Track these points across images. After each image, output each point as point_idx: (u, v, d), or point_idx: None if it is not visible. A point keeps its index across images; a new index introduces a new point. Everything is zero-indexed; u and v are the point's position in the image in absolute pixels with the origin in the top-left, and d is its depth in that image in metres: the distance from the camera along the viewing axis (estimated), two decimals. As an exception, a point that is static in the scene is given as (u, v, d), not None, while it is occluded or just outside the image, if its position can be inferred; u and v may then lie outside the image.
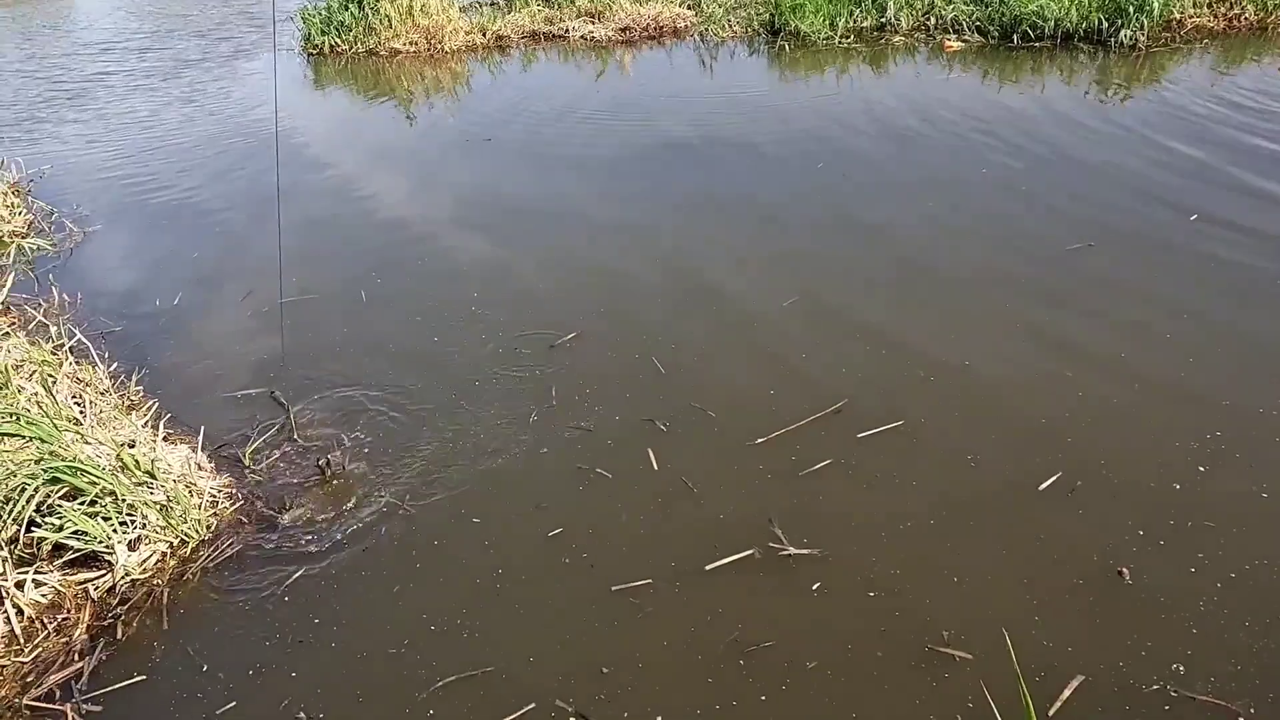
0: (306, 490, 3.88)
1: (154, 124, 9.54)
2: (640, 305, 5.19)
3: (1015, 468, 3.71)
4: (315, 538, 3.63)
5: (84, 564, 3.49)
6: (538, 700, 2.86)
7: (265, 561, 3.53)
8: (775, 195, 6.67)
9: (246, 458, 4.04)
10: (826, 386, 4.28)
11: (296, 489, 3.89)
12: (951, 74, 9.74)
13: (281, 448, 4.16)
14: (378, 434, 4.21)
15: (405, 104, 10.19)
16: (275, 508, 3.78)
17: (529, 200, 6.93)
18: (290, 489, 3.89)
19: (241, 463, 4.09)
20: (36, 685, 3.06)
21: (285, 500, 3.80)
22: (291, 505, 3.77)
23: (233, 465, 4.09)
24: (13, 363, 4.53)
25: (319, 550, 3.56)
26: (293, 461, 4.05)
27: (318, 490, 3.88)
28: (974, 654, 2.93)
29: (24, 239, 6.53)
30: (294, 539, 3.62)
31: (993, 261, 5.41)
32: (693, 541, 3.43)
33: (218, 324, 5.33)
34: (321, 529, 3.67)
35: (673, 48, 11.77)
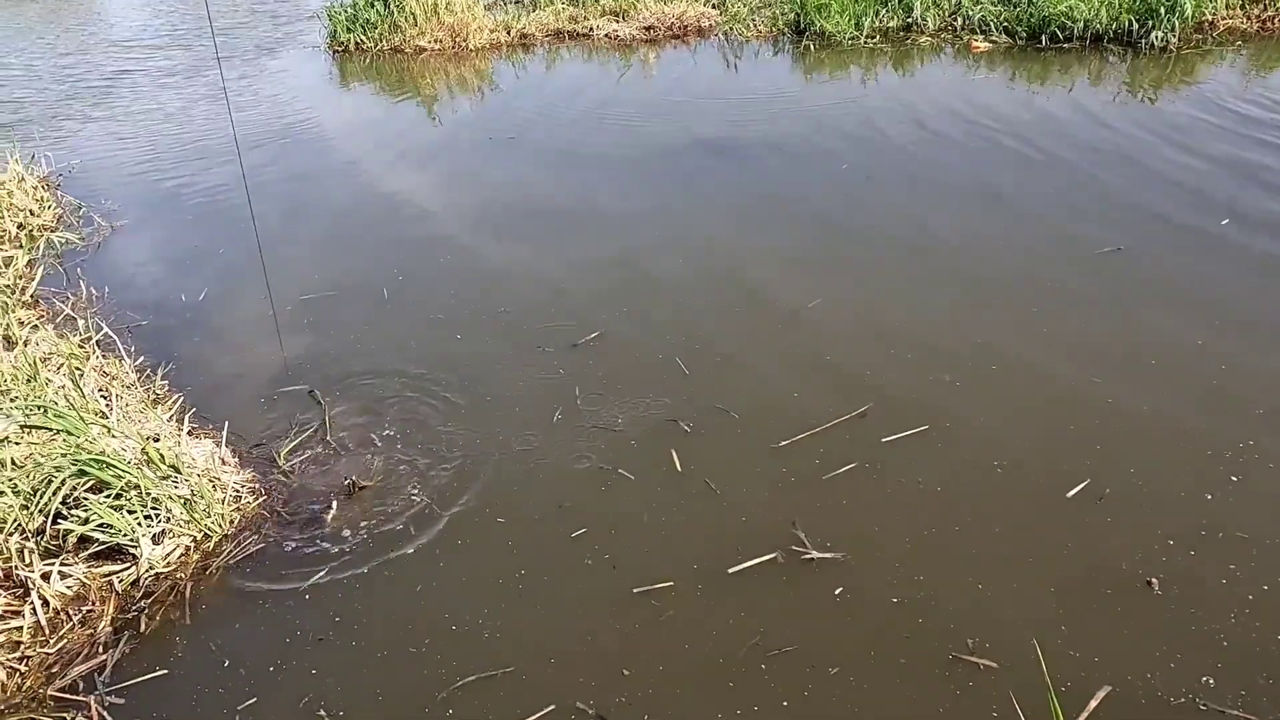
0: (332, 493, 3.87)
1: (180, 121, 9.60)
2: (663, 305, 5.17)
3: (1043, 474, 3.66)
4: (338, 534, 3.63)
5: (109, 556, 3.52)
6: (558, 702, 2.85)
7: (287, 557, 3.55)
8: (799, 196, 6.63)
9: (281, 458, 4.02)
10: (851, 389, 4.24)
11: (324, 492, 3.88)
12: (978, 75, 9.64)
13: (312, 448, 4.17)
14: (401, 432, 4.22)
15: (429, 102, 10.22)
16: (315, 506, 3.77)
17: (551, 199, 6.92)
18: (318, 492, 3.89)
19: (265, 457, 4.11)
20: (61, 676, 3.09)
21: (329, 500, 3.78)
22: (329, 508, 3.74)
23: (256, 460, 4.11)
24: (41, 355, 4.58)
25: (342, 548, 3.57)
26: (322, 464, 4.05)
27: (344, 495, 3.88)
28: (999, 663, 2.89)
29: (53, 233, 6.60)
30: (317, 535, 3.63)
31: (1020, 265, 5.35)
32: (715, 544, 3.41)
33: (241, 320, 5.35)
34: (345, 526, 3.67)
35: (697, 47, 11.73)
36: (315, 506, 3.78)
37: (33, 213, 6.80)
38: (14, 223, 6.59)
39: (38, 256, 6.21)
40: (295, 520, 3.73)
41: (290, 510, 3.79)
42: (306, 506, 3.80)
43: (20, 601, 3.33)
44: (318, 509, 3.76)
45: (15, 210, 6.72)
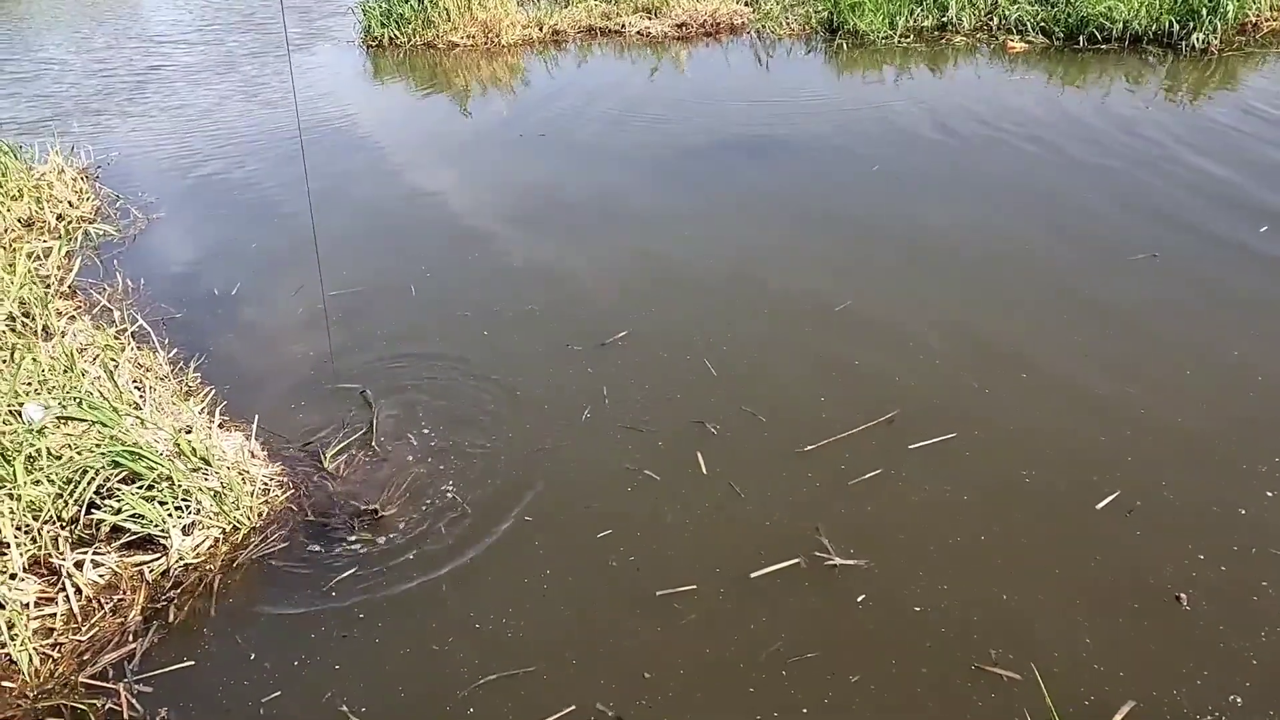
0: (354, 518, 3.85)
1: (215, 115, 9.73)
2: (691, 305, 5.16)
3: (1072, 486, 3.61)
4: (363, 530, 3.67)
5: (140, 547, 3.57)
6: (578, 702, 2.86)
7: (314, 552, 3.58)
8: (829, 197, 6.60)
9: (327, 460, 4.02)
10: (878, 395, 4.21)
11: (353, 490, 3.91)
12: (1014, 76, 9.53)
13: (339, 441, 4.20)
14: (429, 429, 4.24)
15: (460, 98, 10.27)
16: (337, 513, 3.79)
17: (580, 196, 6.94)
18: (346, 490, 3.92)
19: (293, 450, 4.16)
20: (92, 663, 3.14)
21: (350, 522, 3.73)
22: (351, 529, 3.68)
23: (282, 452, 4.15)
24: (78, 346, 4.66)
25: (367, 545, 3.59)
26: (361, 466, 4.07)
27: (374, 485, 3.90)
28: (1023, 675, 2.86)
29: (91, 224, 6.72)
30: (344, 531, 3.67)
31: (1053, 271, 5.28)
32: (739, 548, 3.41)
33: (273, 314, 5.42)
34: (370, 520, 3.71)
35: (729, 44, 11.70)
36: (338, 515, 3.78)
37: (72, 204, 6.93)
38: (53, 214, 6.71)
39: (76, 248, 6.32)
40: (322, 516, 3.77)
41: (317, 505, 3.83)
42: (333, 505, 3.83)
43: (54, 589, 3.39)
44: (342, 518, 3.76)
45: (55, 201, 6.85)
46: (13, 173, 6.89)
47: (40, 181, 7.00)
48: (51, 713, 2.97)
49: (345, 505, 3.80)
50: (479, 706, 2.89)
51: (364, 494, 3.85)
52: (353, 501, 3.81)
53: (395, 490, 3.84)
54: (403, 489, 3.85)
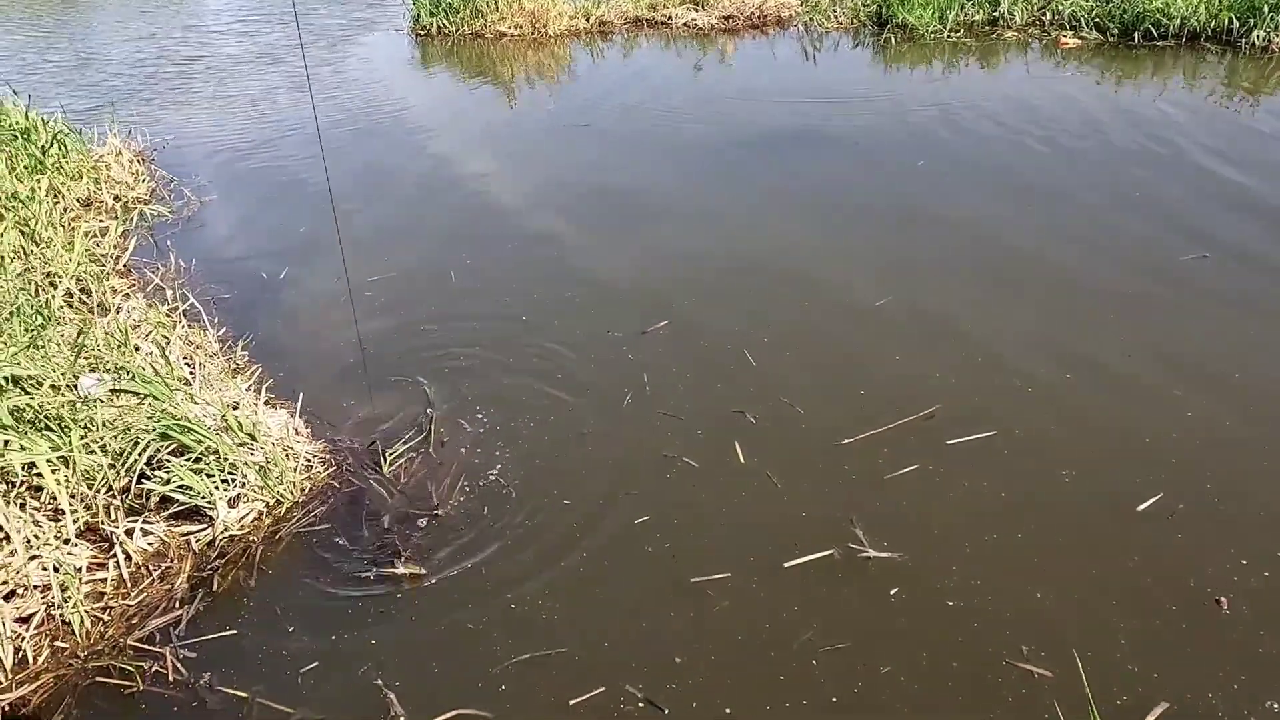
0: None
1: (268, 102, 9.90)
2: (732, 297, 5.17)
3: (1113, 486, 3.57)
4: (407, 508, 3.72)
5: (187, 517, 3.68)
6: (608, 684, 2.90)
7: (354, 528, 3.65)
8: (874, 191, 6.55)
9: (385, 463, 4.01)
10: (918, 390, 4.19)
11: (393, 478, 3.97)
12: (1065, 72, 9.36)
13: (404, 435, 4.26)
14: (470, 410, 4.29)
15: (506, 87, 10.34)
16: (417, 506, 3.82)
17: (623, 186, 6.96)
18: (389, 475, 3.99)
19: (332, 426, 4.24)
20: (140, 628, 3.24)
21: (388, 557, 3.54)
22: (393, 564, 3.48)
23: (327, 430, 4.23)
24: (132, 323, 4.79)
25: (409, 521, 3.65)
26: (431, 467, 4.05)
27: (418, 463, 3.96)
28: (1054, 672, 2.85)
29: (146, 205, 6.88)
30: (387, 504, 3.73)
31: (1101, 269, 5.20)
32: (773, 537, 3.42)
33: (318, 298, 5.49)
34: (414, 500, 3.76)
35: (775, 37, 11.63)
36: (389, 506, 3.82)
37: (128, 185, 7.10)
38: (111, 194, 6.89)
39: (131, 228, 6.49)
40: (362, 490, 3.84)
41: (359, 482, 3.90)
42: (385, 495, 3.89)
43: (105, 555, 3.51)
44: (393, 506, 3.81)
45: (112, 182, 7.03)
46: (73, 154, 7.09)
47: (99, 163, 7.19)
48: (101, 673, 3.07)
49: (397, 493, 3.86)
50: (511, 684, 2.94)
51: (414, 481, 3.89)
52: (403, 493, 3.85)
53: (445, 480, 3.88)
54: (451, 475, 3.90)
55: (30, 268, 5.16)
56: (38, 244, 5.52)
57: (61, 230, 5.85)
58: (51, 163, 6.78)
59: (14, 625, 3.17)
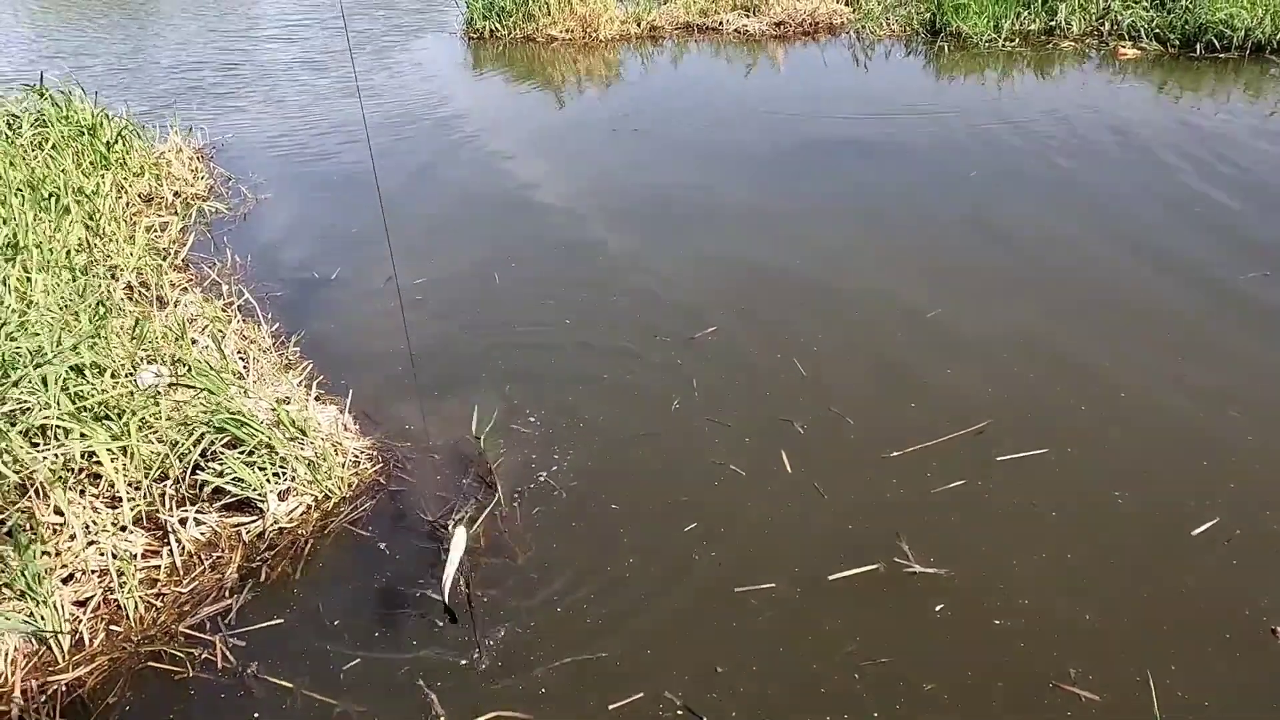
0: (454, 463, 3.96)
1: (324, 102, 10.07)
2: (781, 304, 5.14)
3: (1168, 509, 3.49)
4: (454, 508, 3.76)
5: (238, 509, 3.75)
6: (648, 691, 2.89)
7: (400, 526, 3.69)
8: (925, 201, 6.48)
9: (483, 441, 4.08)
10: (969, 405, 4.13)
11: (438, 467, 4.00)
12: (1123, 84, 9.19)
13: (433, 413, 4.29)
14: (517, 412, 4.31)
15: (557, 91, 10.41)
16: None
17: (671, 192, 6.96)
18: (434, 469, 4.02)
19: (380, 424, 4.29)
20: (192, 615, 3.31)
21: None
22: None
23: (375, 428, 4.29)
24: (189, 317, 4.90)
25: (455, 522, 3.68)
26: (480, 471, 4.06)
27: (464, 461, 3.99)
28: (1102, 697, 2.79)
29: (204, 202, 7.04)
30: (432, 504, 3.78)
31: (1160, 286, 5.09)
32: (819, 548, 3.39)
33: (369, 299, 5.55)
34: (463, 500, 3.79)
35: (826, 44, 11.57)
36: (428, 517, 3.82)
37: (187, 182, 7.28)
38: (171, 190, 7.07)
39: (190, 223, 6.64)
40: (407, 487, 3.88)
41: (408, 479, 3.94)
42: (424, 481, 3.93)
43: (160, 543, 3.59)
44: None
45: (173, 179, 7.22)
46: (136, 151, 7.28)
47: (160, 160, 7.38)
48: (153, 658, 3.14)
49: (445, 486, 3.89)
50: (551, 686, 2.95)
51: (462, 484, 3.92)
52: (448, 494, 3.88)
53: (495, 484, 3.89)
54: (500, 478, 3.91)
55: (94, 260, 5.31)
56: (101, 237, 5.68)
57: (124, 224, 6.01)
58: (116, 159, 6.97)
59: (72, 608, 3.26)
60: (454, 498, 3.80)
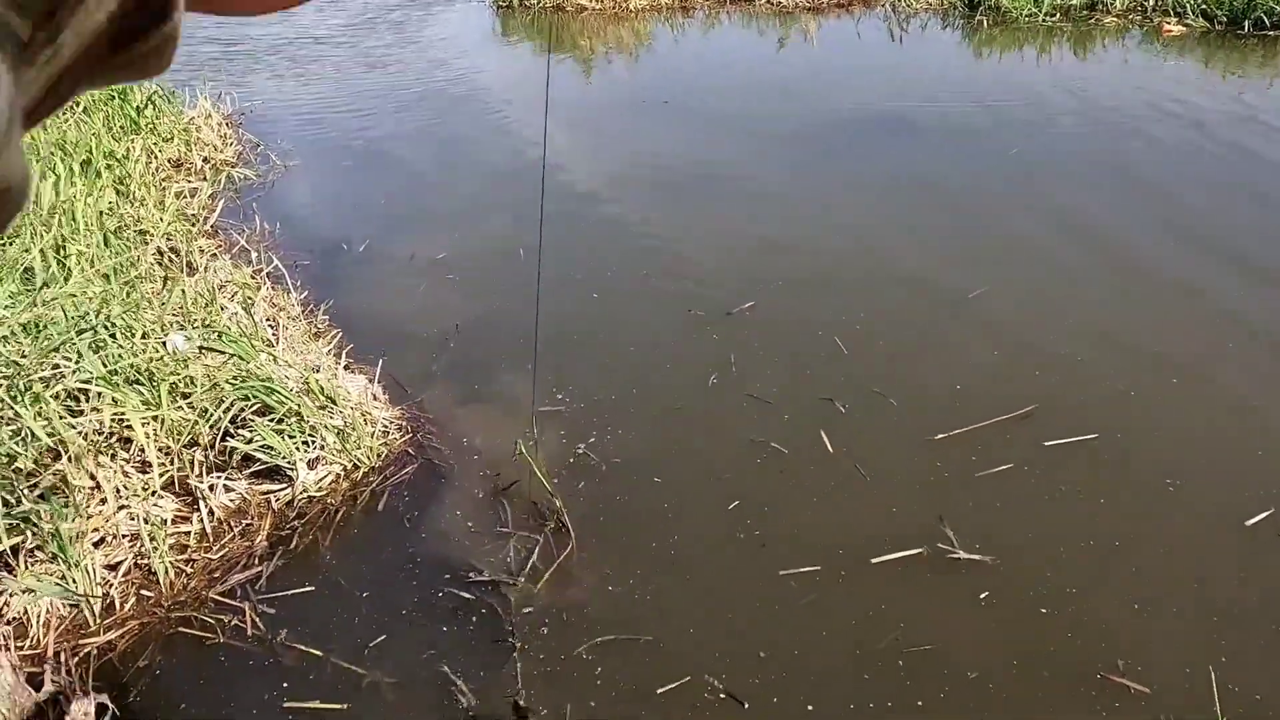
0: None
1: (352, 73, 9.98)
2: (818, 282, 5.04)
3: (1220, 499, 3.39)
4: (487, 477, 3.70)
5: (268, 476, 3.71)
6: (693, 674, 2.83)
7: (430, 497, 3.65)
8: (964, 179, 6.34)
9: (533, 425, 3.97)
10: (1016, 388, 4.02)
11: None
12: (1167, 61, 8.95)
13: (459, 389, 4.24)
14: (552, 386, 4.23)
15: (585, 61, 10.27)
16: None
17: (703, 166, 6.84)
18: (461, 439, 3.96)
19: (407, 392, 4.23)
20: (222, 581, 3.28)
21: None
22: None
23: (404, 398, 4.23)
24: (218, 283, 4.86)
25: (488, 494, 3.63)
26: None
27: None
28: (1151, 688, 2.71)
29: (233, 168, 6.99)
30: (464, 476, 3.72)
31: (1209, 270, 4.94)
32: (862, 531, 3.32)
33: (397, 271, 5.46)
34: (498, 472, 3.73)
35: (861, 17, 11.35)
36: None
37: (216, 148, 7.23)
38: (200, 156, 7.02)
39: (219, 190, 6.59)
40: (439, 458, 3.83)
41: (438, 451, 3.90)
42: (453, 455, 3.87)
43: (190, 509, 3.56)
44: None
45: (202, 145, 7.16)
46: (165, 116, 7.23)
47: (189, 125, 7.32)
48: (183, 623, 3.12)
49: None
50: (593, 666, 2.87)
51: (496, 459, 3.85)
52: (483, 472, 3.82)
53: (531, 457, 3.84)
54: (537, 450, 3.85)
55: (124, 224, 5.27)
56: (131, 202, 5.64)
57: (154, 190, 5.97)
58: (146, 124, 6.93)
59: (103, 572, 3.24)
60: (488, 472, 3.74)
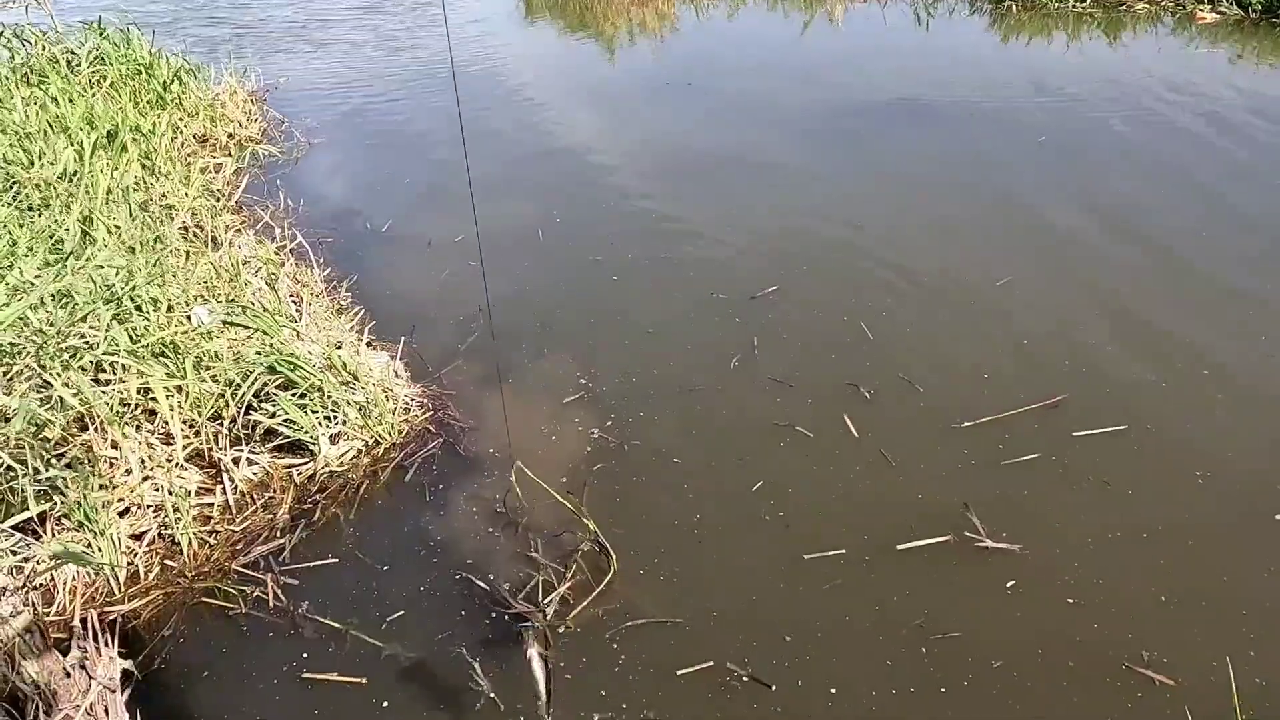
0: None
1: (377, 52, 9.95)
2: (844, 267, 4.99)
3: (1251, 492, 3.33)
4: (506, 456, 3.70)
5: (290, 450, 3.72)
6: (716, 658, 2.82)
7: (451, 474, 3.64)
8: (989, 167, 6.25)
9: (564, 401, 3.97)
10: (1044, 378, 3.97)
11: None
12: (1199, 50, 8.79)
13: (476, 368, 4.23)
14: (573, 367, 4.24)
15: (609, 43, 10.20)
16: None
17: (725, 149, 6.77)
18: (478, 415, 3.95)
19: (430, 370, 4.22)
20: (244, 553, 3.30)
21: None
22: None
23: (425, 376, 4.23)
24: (242, 258, 4.87)
25: (509, 471, 3.62)
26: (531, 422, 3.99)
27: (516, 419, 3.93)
28: (1176, 680, 2.69)
29: (258, 144, 7.00)
30: (484, 455, 3.72)
31: (1241, 264, 4.84)
32: (887, 517, 3.29)
33: (419, 250, 5.45)
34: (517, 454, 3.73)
35: (887, 1, 11.20)
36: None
37: (241, 124, 7.23)
38: (225, 132, 7.03)
39: (243, 165, 6.61)
40: (459, 437, 3.83)
41: (459, 428, 3.89)
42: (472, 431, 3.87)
43: (213, 482, 3.58)
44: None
45: (227, 121, 7.18)
46: (191, 92, 7.24)
47: (215, 101, 7.33)
48: (207, 594, 3.14)
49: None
50: (615, 652, 2.88)
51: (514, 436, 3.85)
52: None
53: (549, 436, 3.82)
54: (555, 430, 3.84)
55: (150, 199, 5.29)
56: (157, 176, 5.65)
57: (179, 165, 5.98)
58: (171, 99, 6.94)
59: (128, 541, 3.26)
60: (508, 451, 3.73)
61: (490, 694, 2.74)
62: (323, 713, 2.75)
